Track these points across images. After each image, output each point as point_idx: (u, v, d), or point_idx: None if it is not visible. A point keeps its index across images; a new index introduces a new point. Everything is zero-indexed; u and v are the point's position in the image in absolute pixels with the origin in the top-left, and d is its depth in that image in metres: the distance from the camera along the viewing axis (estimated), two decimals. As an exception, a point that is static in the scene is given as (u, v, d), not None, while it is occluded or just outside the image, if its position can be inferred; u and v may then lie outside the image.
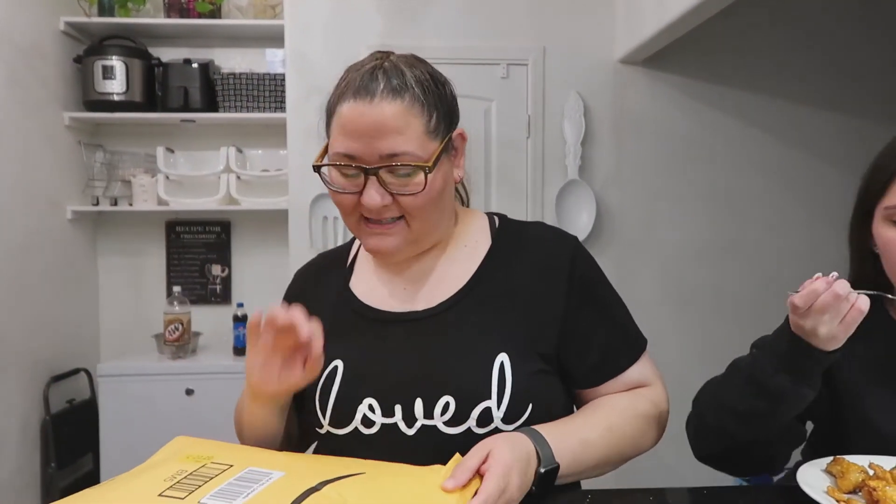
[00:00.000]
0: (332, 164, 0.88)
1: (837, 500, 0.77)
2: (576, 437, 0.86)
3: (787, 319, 0.85)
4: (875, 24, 2.72)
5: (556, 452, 0.82)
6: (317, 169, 0.91)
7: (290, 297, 1.07)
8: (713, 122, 2.69)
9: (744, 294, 2.71)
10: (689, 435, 1.00)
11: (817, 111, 2.72)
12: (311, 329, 0.79)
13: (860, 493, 0.79)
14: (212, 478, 0.74)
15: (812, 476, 0.83)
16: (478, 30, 2.59)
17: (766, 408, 0.87)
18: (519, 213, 2.55)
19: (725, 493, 0.88)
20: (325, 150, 0.92)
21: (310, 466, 0.79)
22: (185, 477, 0.74)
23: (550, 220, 2.59)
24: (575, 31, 2.61)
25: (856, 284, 0.99)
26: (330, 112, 0.90)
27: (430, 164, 0.86)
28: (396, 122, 0.84)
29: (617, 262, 2.64)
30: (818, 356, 0.83)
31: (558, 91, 2.60)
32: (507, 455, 0.76)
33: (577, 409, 0.98)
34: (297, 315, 0.79)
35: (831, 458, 0.85)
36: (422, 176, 0.86)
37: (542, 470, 0.80)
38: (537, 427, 0.85)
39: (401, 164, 0.85)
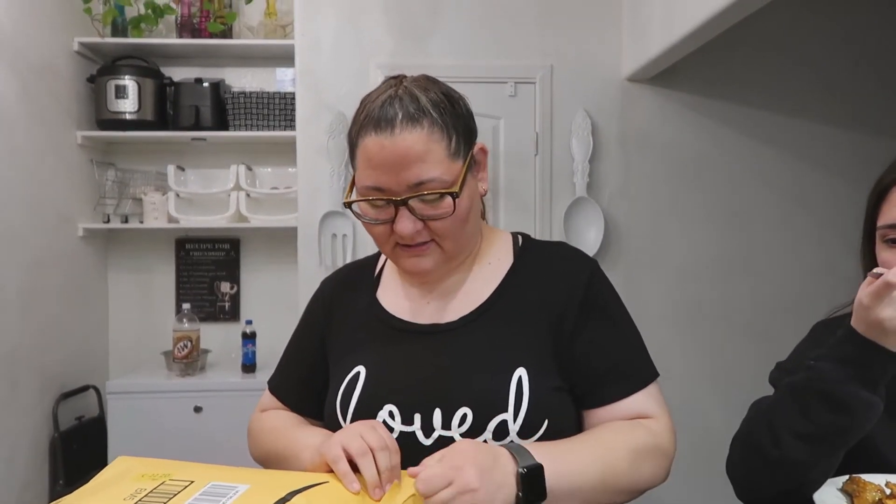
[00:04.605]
0: (362, 200, 0.90)
1: (854, 520, 0.76)
2: (575, 453, 0.85)
3: (849, 330, 0.83)
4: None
5: (535, 454, 0.80)
6: (348, 205, 0.92)
7: (317, 302, 1.09)
8: (721, 139, 2.69)
9: (753, 311, 2.69)
10: (736, 477, 0.92)
11: (828, 128, 2.71)
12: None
13: (877, 513, 0.78)
14: (175, 494, 0.72)
15: (828, 495, 0.82)
16: (486, 48, 2.61)
17: (845, 423, 0.82)
18: (527, 229, 2.54)
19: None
20: (353, 184, 0.93)
21: (273, 478, 0.79)
22: (146, 495, 0.72)
23: (558, 237, 2.59)
24: (582, 50, 2.63)
25: None
26: (352, 145, 0.92)
27: (456, 188, 0.88)
28: (418, 149, 0.86)
29: (625, 278, 2.63)
30: (886, 359, 0.80)
31: (566, 109, 2.61)
32: (465, 445, 0.78)
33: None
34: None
35: (847, 476, 0.84)
36: (449, 199, 0.88)
37: (523, 470, 0.77)
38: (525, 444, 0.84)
39: (428, 192, 0.86)
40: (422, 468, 0.76)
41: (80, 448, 2.64)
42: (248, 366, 2.74)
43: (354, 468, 0.78)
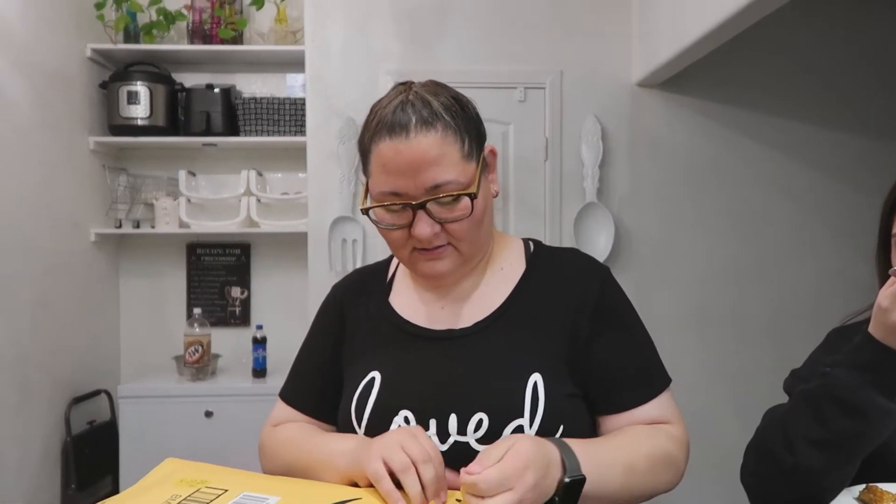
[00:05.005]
0: (379, 205, 0.90)
1: (870, 530, 0.75)
2: (601, 456, 0.84)
3: (866, 336, 0.82)
4: None
5: (582, 465, 0.79)
6: (365, 212, 0.92)
7: (329, 307, 1.08)
8: (731, 145, 2.68)
9: (763, 317, 2.68)
10: (750, 485, 0.92)
11: (839, 133, 2.70)
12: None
13: (894, 523, 0.77)
14: (207, 503, 0.74)
15: (844, 504, 0.81)
16: (495, 54, 2.62)
17: (860, 428, 0.81)
18: (537, 234, 2.54)
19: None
20: (367, 190, 0.93)
21: (305, 492, 0.79)
22: (179, 502, 0.73)
23: (568, 242, 2.58)
24: (592, 55, 2.63)
25: None
26: (365, 152, 0.92)
27: (473, 189, 0.88)
28: (434, 153, 0.86)
29: (635, 284, 2.62)
30: None
31: (576, 114, 2.61)
32: (527, 446, 0.75)
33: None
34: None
35: (863, 485, 0.83)
36: (466, 201, 0.88)
37: (567, 479, 0.77)
38: (566, 440, 0.83)
39: (445, 195, 0.87)
40: (478, 465, 0.74)
41: (91, 452, 2.65)
42: (259, 371, 2.74)
43: (396, 482, 0.76)
